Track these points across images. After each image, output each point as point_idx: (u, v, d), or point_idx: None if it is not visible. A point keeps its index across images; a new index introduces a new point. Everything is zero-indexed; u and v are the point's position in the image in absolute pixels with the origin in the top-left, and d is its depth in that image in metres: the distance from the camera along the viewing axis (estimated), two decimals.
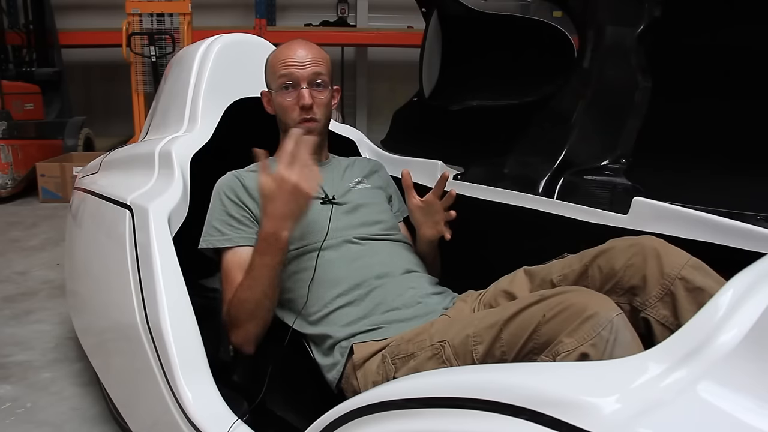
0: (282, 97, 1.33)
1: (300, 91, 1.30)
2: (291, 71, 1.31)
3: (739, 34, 1.74)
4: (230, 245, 1.26)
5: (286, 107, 1.33)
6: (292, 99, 1.31)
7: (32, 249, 3.34)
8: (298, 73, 1.30)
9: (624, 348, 0.78)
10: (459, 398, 0.64)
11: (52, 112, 5.29)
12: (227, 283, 1.25)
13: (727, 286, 0.62)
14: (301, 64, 1.31)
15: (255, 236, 1.27)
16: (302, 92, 1.30)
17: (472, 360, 0.93)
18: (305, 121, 1.32)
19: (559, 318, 0.84)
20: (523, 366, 0.72)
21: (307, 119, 1.32)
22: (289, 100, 1.32)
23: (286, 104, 1.33)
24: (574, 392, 0.57)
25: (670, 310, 0.96)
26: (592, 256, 1.07)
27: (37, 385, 1.88)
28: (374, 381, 1.08)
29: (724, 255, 1.06)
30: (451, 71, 2.53)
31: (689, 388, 0.55)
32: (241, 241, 1.26)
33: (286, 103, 1.32)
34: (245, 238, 1.27)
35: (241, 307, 1.17)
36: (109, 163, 1.88)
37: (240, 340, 1.20)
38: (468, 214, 1.54)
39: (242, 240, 1.26)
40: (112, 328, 1.46)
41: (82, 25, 6.15)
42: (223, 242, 1.27)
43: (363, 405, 0.75)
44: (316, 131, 1.34)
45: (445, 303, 1.23)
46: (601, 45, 1.73)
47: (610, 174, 1.59)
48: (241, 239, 1.27)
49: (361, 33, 6.52)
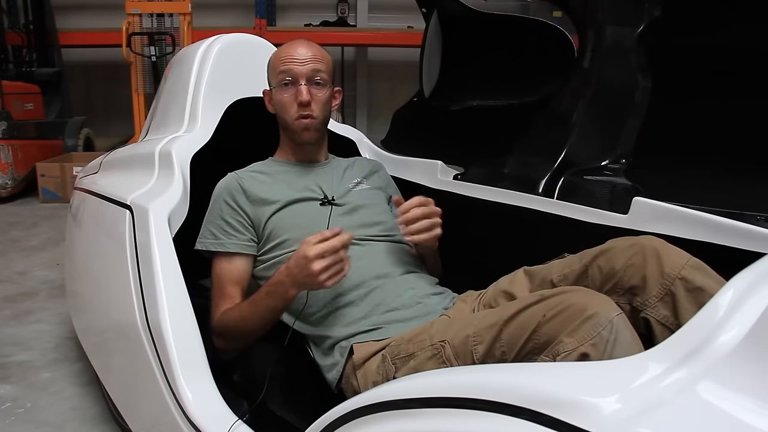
0: (280, 93, 1.33)
1: (298, 87, 1.31)
2: (290, 68, 1.31)
3: (738, 34, 1.74)
4: (222, 250, 1.28)
5: (285, 103, 1.33)
6: (290, 95, 1.32)
7: (32, 249, 3.34)
8: (297, 69, 1.31)
9: (624, 348, 0.78)
10: (459, 398, 0.64)
11: (52, 112, 5.29)
12: (217, 289, 1.28)
13: (727, 286, 0.62)
14: (301, 61, 1.31)
15: (247, 243, 1.29)
16: (300, 88, 1.31)
17: (472, 360, 0.94)
18: (302, 118, 1.32)
19: (559, 318, 0.84)
20: (523, 366, 0.72)
21: (304, 115, 1.32)
22: (287, 96, 1.32)
23: (284, 100, 1.33)
24: (574, 392, 0.57)
25: (670, 310, 0.96)
26: (592, 256, 1.07)
27: (37, 385, 1.88)
28: (374, 381, 1.08)
29: (724, 255, 1.06)
30: (451, 71, 2.53)
31: (689, 388, 0.55)
32: (233, 247, 1.28)
33: (284, 99, 1.33)
34: (237, 244, 1.29)
35: (234, 328, 1.21)
36: (109, 163, 1.88)
37: (222, 348, 1.25)
38: (468, 214, 1.54)
39: (234, 247, 1.28)
40: (112, 328, 1.46)
41: (82, 25, 6.14)
42: (216, 246, 1.29)
43: (363, 405, 0.75)
44: (313, 128, 1.35)
45: (444, 303, 1.23)
46: (601, 45, 1.73)
47: (610, 174, 1.59)
48: (233, 245, 1.28)
49: (361, 33, 6.52)
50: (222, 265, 1.28)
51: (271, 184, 1.34)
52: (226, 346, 1.25)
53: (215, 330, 1.24)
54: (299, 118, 1.33)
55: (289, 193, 1.32)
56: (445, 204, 1.30)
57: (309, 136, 1.35)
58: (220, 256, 1.29)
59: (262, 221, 1.30)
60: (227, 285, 1.27)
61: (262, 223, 1.30)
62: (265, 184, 1.34)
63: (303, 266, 1.08)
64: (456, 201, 1.57)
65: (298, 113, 1.32)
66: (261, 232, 1.30)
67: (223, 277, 1.27)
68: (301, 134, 1.35)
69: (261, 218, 1.30)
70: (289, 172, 1.39)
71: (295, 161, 1.41)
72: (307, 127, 1.33)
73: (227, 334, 1.23)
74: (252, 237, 1.30)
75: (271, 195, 1.31)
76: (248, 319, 1.19)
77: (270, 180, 1.35)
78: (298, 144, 1.38)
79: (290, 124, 1.34)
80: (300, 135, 1.35)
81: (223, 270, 1.28)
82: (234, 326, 1.21)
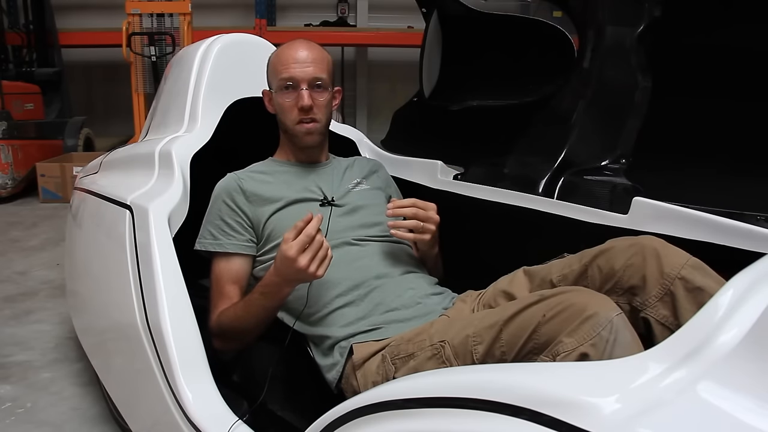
0: (282, 97, 1.33)
1: (300, 92, 1.31)
2: (291, 73, 1.31)
3: (738, 34, 1.74)
4: (221, 251, 1.29)
5: (286, 108, 1.34)
6: (292, 100, 1.32)
7: (32, 249, 3.34)
8: (299, 74, 1.31)
9: (624, 348, 0.78)
10: (459, 398, 0.64)
11: (52, 112, 5.29)
12: (215, 290, 1.28)
13: (727, 285, 0.62)
14: (302, 65, 1.31)
15: (246, 243, 1.30)
16: (302, 93, 1.31)
17: (472, 360, 0.94)
18: (304, 122, 1.33)
19: (559, 318, 0.84)
20: (522, 366, 0.72)
21: (306, 120, 1.33)
22: (289, 101, 1.32)
23: (285, 105, 1.33)
24: (574, 392, 0.57)
25: (670, 310, 0.96)
26: (592, 256, 1.07)
27: (37, 385, 1.88)
28: (374, 381, 1.08)
29: (724, 255, 1.06)
30: (451, 71, 2.53)
31: (689, 388, 0.55)
32: (232, 248, 1.29)
33: (285, 103, 1.33)
34: (236, 245, 1.29)
35: (230, 328, 1.22)
36: (109, 163, 1.88)
37: (220, 348, 1.26)
38: (467, 214, 1.54)
39: (233, 247, 1.29)
40: (112, 328, 1.46)
41: (82, 25, 6.14)
42: (214, 247, 1.29)
43: (363, 405, 0.75)
44: (316, 132, 1.35)
45: (444, 303, 1.23)
46: (602, 45, 1.72)
47: (610, 174, 1.59)
48: (232, 246, 1.29)
49: (361, 33, 6.52)
50: (221, 266, 1.29)
51: (270, 184, 1.34)
52: (224, 346, 1.25)
53: (213, 330, 1.25)
54: (301, 123, 1.33)
55: (288, 194, 1.32)
56: (444, 204, 1.30)
57: (311, 140, 1.36)
58: (219, 257, 1.29)
59: (261, 221, 1.30)
60: (225, 285, 1.27)
61: (261, 223, 1.30)
62: (264, 185, 1.34)
63: (289, 266, 1.08)
64: (456, 201, 1.57)
65: (300, 117, 1.33)
66: (260, 232, 1.30)
67: (222, 277, 1.28)
68: (303, 138, 1.35)
69: (260, 219, 1.30)
70: (289, 173, 1.39)
71: (295, 161, 1.41)
72: (309, 131, 1.34)
73: (225, 334, 1.23)
74: (251, 237, 1.30)
75: (270, 195, 1.32)
76: (244, 318, 1.19)
77: (270, 180, 1.35)
78: (299, 147, 1.38)
79: (292, 128, 1.35)
80: (302, 139, 1.36)
81: (221, 270, 1.28)
82: (230, 326, 1.21)
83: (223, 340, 1.24)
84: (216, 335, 1.24)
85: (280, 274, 1.12)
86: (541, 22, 2.19)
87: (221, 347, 1.25)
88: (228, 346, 1.25)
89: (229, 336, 1.23)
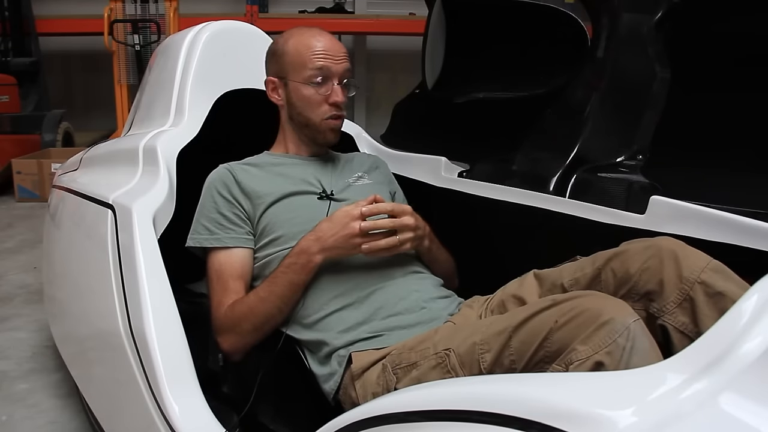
0: (309, 90, 1.33)
1: (333, 87, 1.32)
2: (327, 65, 1.31)
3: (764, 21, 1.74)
4: (219, 245, 1.27)
5: (314, 102, 1.34)
6: (322, 94, 1.33)
7: (7, 251, 3.34)
8: (333, 68, 1.32)
9: (641, 356, 0.78)
10: (465, 411, 0.64)
11: (29, 105, 5.29)
12: (217, 285, 1.26)
13: (751, 291, 0.62)
14: (337, 58, 1.33)
15: (246, 236, 1.29)
16: (336, 89, 1.32)
17: (479, 369, 0.94)
18: (333, 118, 1.35)
19: (572, 324, 0.84)
20: (533, 376, 0.72)
21: (336, 116, 1.35)
22: (318, 95, 1.33)
23: (313, 99, 1.33)
24: (588, 404, 0.57)
25: (690, 316, 0.96)
26: (606, 259, 1.07)
27: (13, 397, 1.88)
28: (374, 392, 1.08)
29: (747, 258, 1.06)
30: (456, 61, 2.53)
31: (710, 400, 0.55)
32: (231, 242, 1.27)
33: (315, 97, 1.33)
34: (235, 238, 1.28)
35: (248, 316, 1.20)
36: (89, 159, 1.89)
37: (232, 347, 1.22)
38: (474, 213, 1.55)
39: (231, 241, 1.27)
40: (93, 336, 1.47)
41: (60, 11, 6.13)
42: (211, 242, 1.28)
43: (362, 418, 0.75)
44: (339, 129, 1.38)
45: (450, 309, 1.23)
46: (617, 33, 1.72)
47: (625, 171, 1.59)
48: (231, 240, 1.27)
49: (360, 20, 6.52)
50: (221, 260, 1.26)
51: (265, 177, 1.34)
52: (236, 342, 1.21)
53: (223, 327, 1.22)
54: (329, 119, 1.34)
55: (285, 186, 1.32)
56: (449, 203, 1.30)
57: (335, 137, 1.38)
58: (217, 252, 1.27)
59: (256, 216, 1.29)
60: (229, 280, 1.25)
61: (256, 218, 1.29)
62: (258, 177, 1.34)
63: (343, 224, 1.13)
64: (461, 200, 1.57)
65: (330, 113, 1.34)
66: (255, 227, 1.30)
67: (224, 272, 1.25)
68: (327, 135, 1.36)
69: (255, 213, 1.30)
70: (285, 165, 1.38)
71: (294, 154, 1.41)
72: (334, 128, 1.36)
73: (239, 327, 1.20)
74: (250, 230, 1.30)
75: (265, 188, 1.31)
76: (267, 300, 1.18)
77: (264, 173, 1.35)
78: (318, 143, 1.39)
79: (317, 123, 1.35)
80: (325, 135, 1.37)
81: (222, 265, 1.26)
82: (248, 314, 1.19)
83: (235, 335, 1.21)
84: (226, 331, 1.21)
85: (320, 238, 1.15)
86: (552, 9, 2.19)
87: (232, 345, 1.22)
88: (241, 342, 1.21)
89: (246, 328, 1.20)
